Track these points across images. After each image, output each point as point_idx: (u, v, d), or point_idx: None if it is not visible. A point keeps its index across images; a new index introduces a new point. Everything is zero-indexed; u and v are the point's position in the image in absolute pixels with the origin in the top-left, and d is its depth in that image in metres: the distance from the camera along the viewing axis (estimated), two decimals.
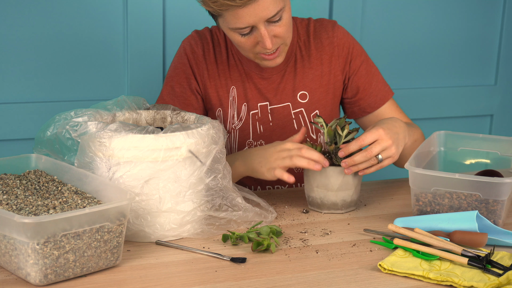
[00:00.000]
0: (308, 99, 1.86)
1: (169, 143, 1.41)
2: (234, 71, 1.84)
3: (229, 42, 1.85)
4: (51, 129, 1.49)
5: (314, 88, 1.86)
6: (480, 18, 2.87)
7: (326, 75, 1.87)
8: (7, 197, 1.36)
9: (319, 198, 1.65)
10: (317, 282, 1.30)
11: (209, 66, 1.83)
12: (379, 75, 1.92)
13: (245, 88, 1.84)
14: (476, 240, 1.43)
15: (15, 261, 1.26)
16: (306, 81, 1.86)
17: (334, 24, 1.88)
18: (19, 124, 2.29)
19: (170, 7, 2.39)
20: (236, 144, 1.87)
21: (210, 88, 1.84)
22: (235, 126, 1.85)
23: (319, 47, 1.86)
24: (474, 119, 2.97)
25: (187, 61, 1.84)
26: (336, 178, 1.62)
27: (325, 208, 1.65)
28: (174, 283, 1.29)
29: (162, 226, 1.45)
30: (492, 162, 1.83)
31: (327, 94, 1.88)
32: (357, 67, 1.88)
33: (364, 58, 1.90)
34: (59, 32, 2.28)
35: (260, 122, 1.86)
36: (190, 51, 1.84)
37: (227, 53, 1.85)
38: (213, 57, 1.84)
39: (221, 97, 1.84)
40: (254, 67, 1.84)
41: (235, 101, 1.84)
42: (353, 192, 1.65)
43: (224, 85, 1.84)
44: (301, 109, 1.87)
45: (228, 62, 1.84)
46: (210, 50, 1.84)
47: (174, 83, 1.84)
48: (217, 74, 1.84)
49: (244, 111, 1.85)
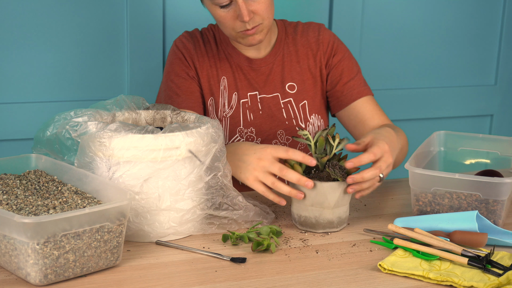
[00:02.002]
0: (296, 90, 1.93)
1: (168, 143, 1.41)
2: (224, 63, 1.92)
3: (218, 38, 1.94)
4: (51, 129, 1.49)
5: (302, 80, 1.94)
6: (480, 18, 2.87)
7: (313, 68, 1.95)
8: (7, 197, 1.36)
9: (313, 217, 1.52)
10: (317, 282, 1.30)
11: (200, 58, 1.91)
12: (359, 75, 1.97)
13: (235, 78, 1.91)
14: (476, 240, 1.43)
15: (15, 261, 1.26)
16: (294, 73, 1.94)
17: (320, 26, 2.00)
18: (19, 124, 2.29)
19: (170, 7, 2.39)
20: (227, 132, 1.91)
21: (202, 78, 1.90)
22: (226, 114, 1.90)
23: (305, 44, 1.96)
24: (474, 119, 2.97)
25: (181, 55, 1.91)
26: (333, 195, 1.49)
27: (320, 227, 1.53)
28: (174, 283, 1.29)
29: (161, 224, 1.45)
30: (492, 162, 1.83)
31: (315, 86, 1.95)
32: (338, 61, 1.96)
33: (346, 55, 1.97)
34: (59, 32, 2.28)
35: (250, 111, 1.91)
36: (182, 46, 1.92)
37: (217, 48, 1.93)
38: (204, 51, 1.92)
39: (212, 86, 1.90)
40: (244, 59, 1.92)
41: (226, 90, 1.90)
42: (347, 208, 1.55)
43: (215, 75, 1.91)
44: (290, 99, 1.93)
45: (218, 56, 1.92)
46: (200, 45, 1.92)
47: (173, 77, 1.90)
48: (208, 65, 1.91)
49: (235, 100, 1.90)
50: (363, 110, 1.93)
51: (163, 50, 2.41)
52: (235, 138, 1.90)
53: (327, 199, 1.50)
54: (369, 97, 1.95)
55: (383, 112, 1.96)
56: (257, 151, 1.56)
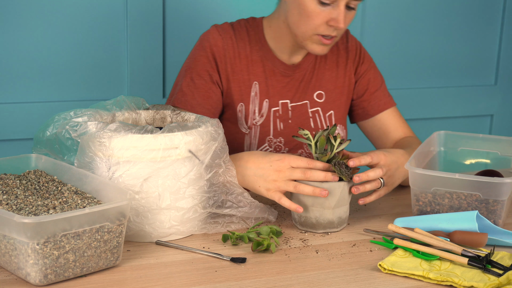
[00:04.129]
0: (324, 99, 1.90)
1: (167, 142, 1.41)
2: (257, 66, 1.84)
3: (252, 36, 1.84)
4: (51, 129, 1.49)
5: (330, 89, 1.90)
6: (480, 19, 2.87)
7: (341, 78, 1.92)
8: (7, 197, 1.36)
9: (314, 217, 1.52)
10: (317, 282, 1.30)
11: (232, 60, 1.81)
12: (384, 84, 1.97)
13: (267, 84, 1.84)
14: (476, 240, 1.43)
15: (15, 261, 1.26)
16: (323, 81, 1.90)
17: (348, 33, 1.96)
18: (19, 124, 2.29)
19: (170, 7, 2.39)
20: (257, 140, 1.86)
21: (233, 82, 1.82)
22: (256, 122, 1.85)
23: (334, 51, 1.92)
24: (474, 119, 2.97)
25: (210, 55, 1.81)
26: (334, 195, 1.50)
27: (321, 228, 1.53)
28: (174, 283, 1.28)
29: (162, 223, 1.45)
30: (492, 162, 1.83)
31: (342, 95, 1.92)
32: (365, 70, 1.94)
33: (372, 64, 1.97)
34: (59, 32, 2.28)
35: (280, 120, 1.86)
36: (211, 45, 1.81)
37: (250, 49, 1.84)
38: (236, 52, 1.82)
39: (243, 92, 1.83)
40: (279, 64, 1.85)
41: (257, 96, 1.83)
42: (347, 208, 1.56)
43: (247, 79, 1.83)
44: (318, 108, 1.90)
45: (251, 57, 1.83)
46: (233, 45, 1.82)
47: (194, 75, 1.81)
48: (239, 69, 1.82)
49: (266, 108, 1.85)
50: (388, 122, 1.93)
51: (163, 50, 2.41)
52: (263, 147, 1.87)
53: (327, 199, 1.50)
54: (393, 108, 1.95)
55: (406, 123, 1.97)
56: (273, 163, 1.53)
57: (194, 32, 2.41)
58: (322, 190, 1.48)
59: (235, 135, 1.86)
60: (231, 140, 1.84)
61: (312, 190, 1.49)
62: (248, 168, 1.56)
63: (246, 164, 1.56)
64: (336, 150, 1.53)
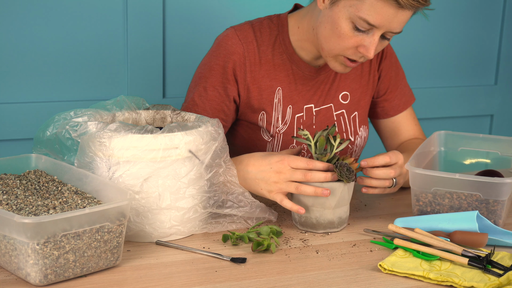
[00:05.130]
0: (349, 100, 1.83)
1: (167, 142, 1.41)
2: (280, 71, 1.75)
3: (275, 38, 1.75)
4: (51, 129, 1.49)
5: (354, 88, 1.84)
6: (480, 19, 2.87)
7: (366, 75, 1.85)
8: (7, 197, 1.36)
9: (314, 218, 1.52)
10: (317, 282, 1.30)
11: (252, 67, 1.72)
12: (405, 78, 1.93)
13: (291, 89, 1.76)
14: (476, 240, 1.43)
15: (15, 261, 1.26)
16: (348, 81, 1.83)
17: None
18: (19, 124, 2.29)
19: (170, 7, 2.39)
20: (279, 148, 1.79)
21: (253, 91, 1.74)
22: (279, 130, 1.77)
23: None
24: (474, 119, 2.97)
25: (228, 65, 1.72)
26: (334, 195, 1.50)
27: (321, 228, 1.53)
28: (174, 283, 1.28)
29: (163, 223, 1.45)
30: (492, 162, 1.83)
31: (366, 95, 1.87)
32: (388, 66, 1.88)
33: (395, 59, 1.91)
34: (59, 32, 2.28)
35: (304, 126, 1.79)
36: (230, 53, 1.72)
37: (273, 52, 1.74)
38: (257, 57, 1.73)
39: (265, 99, 1.75)
40: (303, 66, 1.76)
41: (280, 103, 1.75)
42: (348, 208, 1.55)
43: (269, 86, 1.74)
44: (343, 110, 1.83)
45: (273, 61, 1.74)
46: (254, 50, 1.73)
47: (208, 85, 1.73)
48: (260, 76, 1.73)
49: (289, 114, 1.77)
50: (402, 123, 1.91)
51: (163, 50, 2.41)
52: None
53: (328, 200, 1.50)
54: (410, 108, 1.93)
55: (418, 123, 1.96)
56: (273, 165, 1.52)
57: (194, 32, 2.41)
58: (324, 189, 1.48)
59: (256, 142, 1.80)
60: (252, 147, 1.80)
61: (314, 190, 1.48)
62: (249, 172, 1.55)
63: (247, 167, 1.55)
64: (335, 150, 1.53)
